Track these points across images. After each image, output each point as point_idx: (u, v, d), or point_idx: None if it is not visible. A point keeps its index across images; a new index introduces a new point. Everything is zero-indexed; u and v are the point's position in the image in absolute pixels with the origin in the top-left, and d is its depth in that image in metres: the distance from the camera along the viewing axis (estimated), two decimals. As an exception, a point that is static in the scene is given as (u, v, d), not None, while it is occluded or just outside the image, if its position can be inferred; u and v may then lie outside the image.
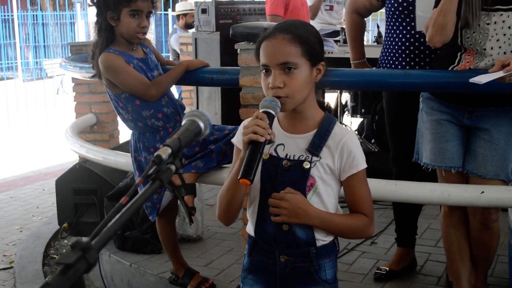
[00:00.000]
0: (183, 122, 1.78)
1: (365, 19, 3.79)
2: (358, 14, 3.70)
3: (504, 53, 2.80)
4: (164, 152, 1.51)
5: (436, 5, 2.91)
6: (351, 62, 3.88)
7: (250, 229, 2.15)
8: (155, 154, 1.49)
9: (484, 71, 2.73)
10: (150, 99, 3.20)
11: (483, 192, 2.83)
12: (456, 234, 3.13)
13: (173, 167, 1.49)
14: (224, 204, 2.07)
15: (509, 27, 2.78)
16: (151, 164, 1.48)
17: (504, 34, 2.79)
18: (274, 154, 2.05)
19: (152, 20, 3.39)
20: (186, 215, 3.38)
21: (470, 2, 2.77)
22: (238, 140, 2.09)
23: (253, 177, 1.82)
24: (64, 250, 5.20)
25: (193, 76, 3.41)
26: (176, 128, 3.17)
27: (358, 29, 3.78)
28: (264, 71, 2.01)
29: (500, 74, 2.57)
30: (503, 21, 2.78)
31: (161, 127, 3.27)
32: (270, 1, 6.14)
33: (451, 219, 3.14)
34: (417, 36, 3.30)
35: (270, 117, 1.91)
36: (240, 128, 2.06)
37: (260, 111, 1.92)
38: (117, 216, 1.27)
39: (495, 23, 2.79)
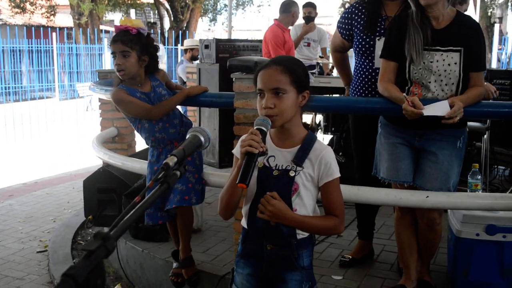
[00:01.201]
0: (187, 136, 1.79)
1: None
2: (338, 52, 3.73)
3: (446, 84, 2.81)
4: (171, 160, 1.50)
5: (383, 53, 2.96)
6: (344, 86, 3.90)
7: (244, 222, 2.15)
8: (164, 162, 1.49)
9: (431, 101, 2.75)
10: (153, 118, 3.20)
11: (428, 196, 2.83)
12: (406, 234, 3.13)
13: (178, 173, 1.49)
14: (224, 202, 2.07)
15: (449, 64, 2.79)
16: (160, 170, 1.47)
17: (445, 70, 2.80)
18: (266, 164, 2.06)
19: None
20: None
21: (413, 42, 2.80)
22: (236, 151, 2.10)
23: (248, 182, 1.84)
24: (89, 238, 5.16)
25: (196, 99, 3.40)
26: (165, 149, 3.26)
27: (341, 63, 3.81)
28: (259, 94, 2.03)
29: (443, 113, 2.63)
30: (443, 60, 2.80)
31: (155, 147, 3.30)
32: (271, 41, 6.10)
33: (403, 222, 3.13)
34: (377, 71, 3.30)
35: (263, 133, 1.93)
36: (239, 141, 2.06)
37: (255, 128, 1.94)
38: (132, 211, 1.26)
39: (437, 61, 2.80)
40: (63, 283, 1.03)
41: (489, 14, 22.20)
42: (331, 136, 6.24)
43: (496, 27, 18.18)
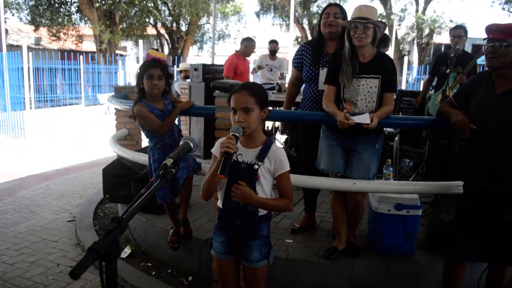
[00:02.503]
0: (180, 143, 1.78)
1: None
2: (293, 85, 3.69)
3: (369, 102, 2.84)
4: (169, 161, 1.50)
5: (326, 80, 2.97)
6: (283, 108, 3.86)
7: (219, 203, 2.15)
8: (163, 162, 1.49)
9: (359, 113, 2.78)
10: (162, 133, 3.20)
11: (354, 183, 2.88)
12: (339, 209, 3.17)
13: (173, 171, 1.49)
14: (205, 188, 2.07)
15: (371, 87, 2.83)
16: (160, 168, 1.47)
17: (368, 91, 2.84)
18: (236, 159, 2.06)
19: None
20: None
21: (345, 73, 2.83)
22: (215, 150, 2.09)
23: (226, 174, 1.85)
24: (106, 211, 5.09)
25: (188, 111, 3.37)
26: (173, 149, 3.19)
27: (291, 94, 3.75)
28: (233, 111, 2.03)
29: (366, 121, 2.66)
30: (367, 84, 2.83)
31: (160, 149, 3.27)
32: (225, 66, 6.22)
33: (337, 200, 3.17)
34: (320, 91, 3.32)
35: (236, 138, 1.94)
36: (217, 143, 2.06)
37: (230, 134, 1.94)
38: (139, 201, 1.26)
39: (363, 85, 2.84)
40: (89, 254, 1.03)
41: (400, 48, 22.56)
42: (286, 136, 6.27)
43: (405, 58, 18.53)
